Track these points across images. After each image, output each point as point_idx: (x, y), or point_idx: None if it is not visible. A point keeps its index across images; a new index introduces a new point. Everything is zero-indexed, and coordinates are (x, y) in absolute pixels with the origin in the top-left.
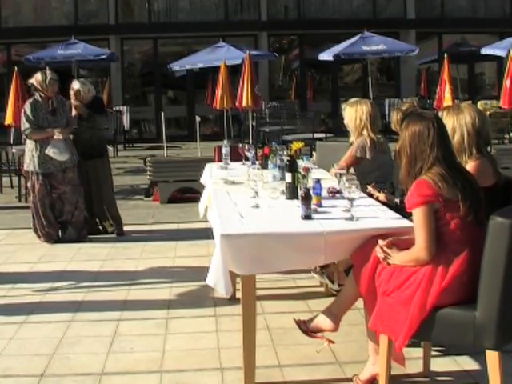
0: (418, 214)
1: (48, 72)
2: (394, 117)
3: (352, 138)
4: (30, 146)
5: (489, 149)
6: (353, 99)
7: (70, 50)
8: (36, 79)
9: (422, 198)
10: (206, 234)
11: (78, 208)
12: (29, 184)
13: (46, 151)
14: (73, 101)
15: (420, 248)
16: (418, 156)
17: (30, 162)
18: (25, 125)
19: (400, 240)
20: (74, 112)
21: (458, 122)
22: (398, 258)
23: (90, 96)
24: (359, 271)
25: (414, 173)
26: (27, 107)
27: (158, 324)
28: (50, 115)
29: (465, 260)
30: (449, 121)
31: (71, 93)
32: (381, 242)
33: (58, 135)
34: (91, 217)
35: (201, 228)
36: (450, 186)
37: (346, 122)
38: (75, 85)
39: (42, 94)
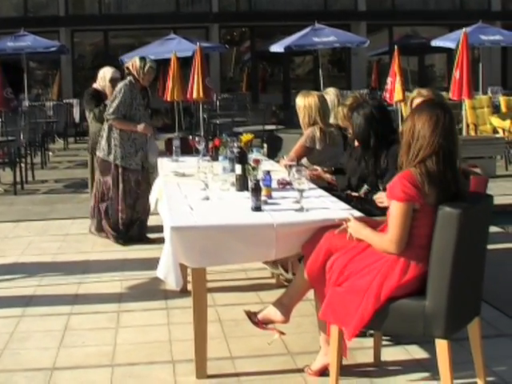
0: (397, 208)
1: (148, 59)
2: (341, 113)
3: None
4: (114, 135)
5: None
6: (302, 91)
7: (19, 42)
8: (133, 64)
9: (406, 195)
10: (158, 227)
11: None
12: (98, 175)
13: (149, 159)
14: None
15: (391, 241)
16: (420, 138)
17: (110, 152)
18: (111, 109)
19: (369, 220)
20: None
21: None
22: (365, 232)
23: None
24: (310, 262)
25: (412, 154)
26: (121, 91)
27: (110, 317)
28: (142, 107)
29: (426, 264)
30: None
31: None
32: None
33: (143, 129)
34: None
35: (152, 220)
36: (434, 188)
37: (299, 117)
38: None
39: (135, 81)
